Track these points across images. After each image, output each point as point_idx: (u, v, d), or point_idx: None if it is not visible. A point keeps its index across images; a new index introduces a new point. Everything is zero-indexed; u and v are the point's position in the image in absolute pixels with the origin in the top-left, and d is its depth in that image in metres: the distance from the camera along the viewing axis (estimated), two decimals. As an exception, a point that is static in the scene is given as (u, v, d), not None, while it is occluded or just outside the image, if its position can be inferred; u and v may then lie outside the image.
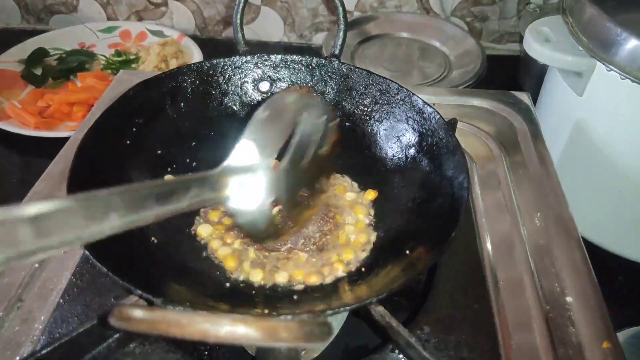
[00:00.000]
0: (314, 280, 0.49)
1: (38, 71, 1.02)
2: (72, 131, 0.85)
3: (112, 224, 0.29)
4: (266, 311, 0.42)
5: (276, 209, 0.42)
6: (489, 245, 0.57)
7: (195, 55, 1.06)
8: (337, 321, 0.46)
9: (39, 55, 1.05)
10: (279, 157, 0.41)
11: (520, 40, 1.06)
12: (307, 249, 0.52)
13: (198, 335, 0.28)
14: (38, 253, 0.25)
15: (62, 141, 0.65)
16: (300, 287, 0.49)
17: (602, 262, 0.56)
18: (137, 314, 0.29)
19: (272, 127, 0.40)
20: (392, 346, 0.46)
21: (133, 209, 0.30)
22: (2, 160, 0.89)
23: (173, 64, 1.02)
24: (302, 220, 0.49)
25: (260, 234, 0.41)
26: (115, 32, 1.15)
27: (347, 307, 0.39)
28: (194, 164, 0.60)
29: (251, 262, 0.51)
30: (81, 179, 0.47)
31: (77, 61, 1.05)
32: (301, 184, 0.44)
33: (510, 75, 1.05)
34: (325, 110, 0.46)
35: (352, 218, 0.55)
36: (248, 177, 0.38)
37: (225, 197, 0.37)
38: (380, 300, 0.40)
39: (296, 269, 0.50)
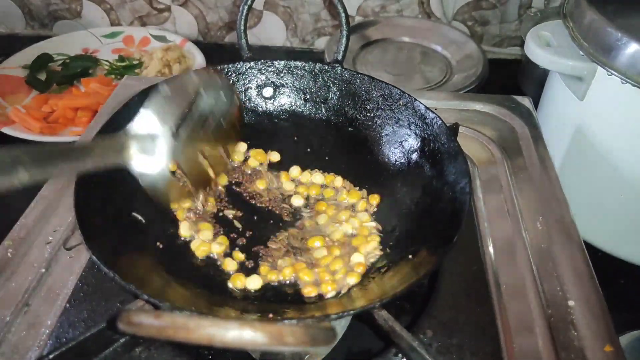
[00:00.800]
0: (320, 286, 0.49)
1: (42, 76, 1.03)
2: (77, 136, 0.86)
3: (21, 177, 0.34)
4: (271, 315, 0.43)
5: (175, 171, 0.48)
6: (491, 249, 0.57)
7: (197, 60, 1.06)
8: (341, 325, 0.46)
9: (43, 60, 1.06)
10: (178, 128, 0.47)
11: (522, 44, 1.07)
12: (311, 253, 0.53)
13: (205, 339, 0.28)
14: None
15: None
16: (304, 291, 0.49)
17: (603, 265, 0.56)
18: (146, 318, 0.29)
19: (170, 101, 0.47)
20: (395, 350, 0.46)
21: (40, 166, 0.35)
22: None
23: (176, 69, 1.03)
24: (201, 182, 0.53)
25: (162, 194, 0.48)
26: (119, 38, 1.15)
27: (351, 312, 0.39)
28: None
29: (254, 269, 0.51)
30: (88, 184, 0.47)
31: (81, 66, 1.05)
32: (199, 150, 0.51)
33: (511, 79, 1.06)
34: (224, 89, 0.53)
35: (355, 223, 0.56)
36: (148, 143, 0.45)
37: (128, 159, 0.44)
38: (383, 305, 0.41)
39: (301, 275, 0.50)
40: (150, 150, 0.46)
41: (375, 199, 0.58)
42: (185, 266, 0.50)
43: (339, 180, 0.60)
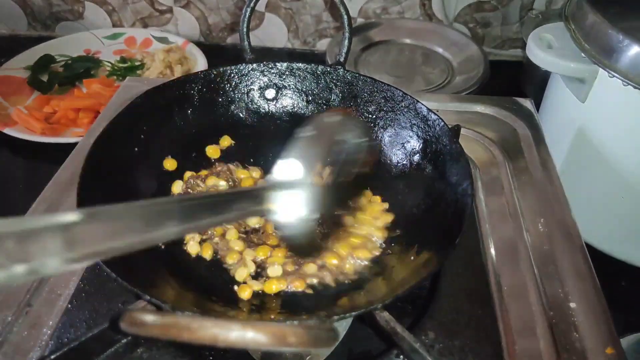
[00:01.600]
0: (320, 286, 0.49)
1: (44, 77, 1.03)
2: (78, 137, 0.86)
3: (169, 230, 0.30)
4: (272, 317, 0.43)
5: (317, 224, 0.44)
6: (492, 251, 0.57)
7: (199, 61, 1.07)
8: (342, 326, 0.46)
9: (45, 61, 1.06)
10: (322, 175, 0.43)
11: (523, 46, 1.07)
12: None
13: (208, 339, 0.28)
14: (107, 254, 0.27)
15: (68, 147, 0.66)
16: (307, 292, 0.49)
17: (604, 267, 0.56)
18: (149, 318, 0.29)
19: (315, 145, 0.42)
20: (397, 351, 0.46)
21: (189, 217, 0.32)
22: (8, 166, 0.89)
23: (178, 70, 1.03)
24: (338, 237, 0.50)
25: (303, 249, 0.43)
26: (121, 39, 1.16)
27: (353, 313, 0.39)
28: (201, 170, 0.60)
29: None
30: (91, 186, 0.48)
31: (83, 67, 1.06)
32: (339, 201, 0.47)
33: (512, 81, 1.06)
34: (365, 132, 0.48)
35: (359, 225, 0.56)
36: (292, 192, 0.40)
37: (270, 210, 0.39)
38: (385, 306, 0.41)
39: (301, 275, 0.50)
40: (294, 199, 0.40)
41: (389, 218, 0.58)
42: (188, 267, 0.50)
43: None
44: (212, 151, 0.61)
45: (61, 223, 0.25)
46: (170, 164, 0.58)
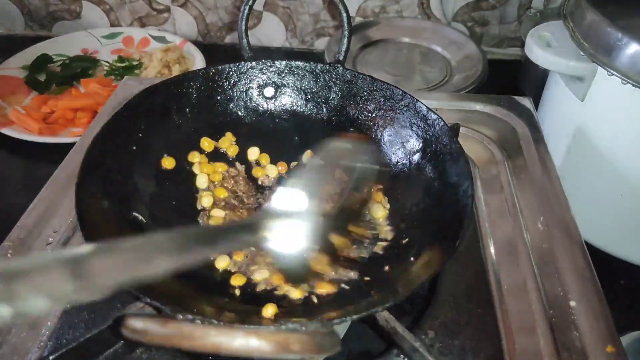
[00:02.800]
0: (321, 289, 0.49)
1: (42, 77, 1.03)
2: (76, 137, 0.86)
3: (161, 266, 0.29)
4: (272, 319, 0.42)
5: (313, 253, 0.42)
6: (492, 250, 0.57)
7: (197, 60, 1.06)
8: (342, 327, 0.46)
9: (43, 61, 1.05)
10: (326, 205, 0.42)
11: (521, 44, 1.06)
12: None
13: (211, 348, 0.28)
14: (99, 294, 0.26)
15: (66, 147, 0.66)
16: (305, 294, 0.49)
17: (603, 265, 0.56)
18: (151, 326, 0.29)
19: (324, 176, 0.42)
20: (397, 351, 0.46)
21: (180, 252, 0.31)
22: (6, 166, 0.89)
23: (176, 69, 1.03)
24: (339, 262, 0.50)
25: (297, 277, 0.42)
26: (118, 38, 1.15)
27: (354, 316, 0.39)
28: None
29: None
30: (89, 185, 0.47)
31: (81, 67, 1.05)
32: (338, 228, 0.45)
33: (511, 80, 1.06)
34: (377, 159, 0.47)
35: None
36: (290, 222, 0.39)
37: (263, 238, 0.38)
38: (386, 308, 0.40)
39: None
40: (293, 229, 0.40)
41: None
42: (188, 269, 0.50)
43: None
44: (208, 144, 0.61)
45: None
46: (168, 162, 0.58)
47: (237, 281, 0.49)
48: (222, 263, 0.51)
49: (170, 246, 0.30)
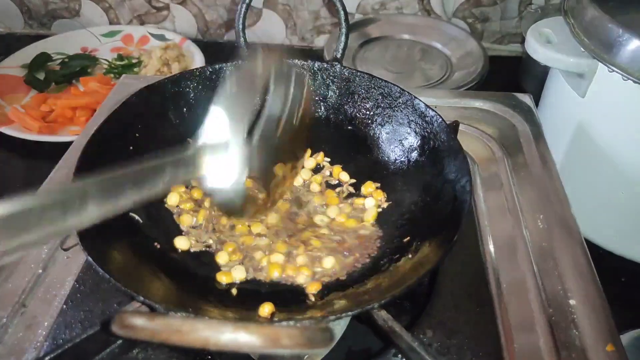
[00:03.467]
0: (315, 285, 0.48)
1: (41, 76, 1.03)
2: (76, 135, 0.85)
3: (91, 214, 0.29)
4: (269, 317, 0.42)
5: (250, 183, 0.43)
6: (491, 248, 0.56)
7: (197, 58, 1.06)
8: (340, 326, 0.46)
9: (42, 59, 1.05)
10: (251, 131, 0.41)
11: (522, 41, 1.06)
12: (307, 251, 0.52)
13: (200, 342, 0.28)
14: (22, 248, 0.26)
15: (65, 145, 0.66)
16: (301, 290, 0.49)
17: (603, 263, 0.56)
18: (139, 321, 0.29)
19: (240, 102, 0.40)
20: (395, 350, 0.45)
21: (110, 197, 0.31)
22: (5, 165, 0.89)
23: (175, 67, 1.03)
24: (278, 194, 0.48)
25: (238, 211, 0.42)
26: (118, 36, 1.15)
27: (350, 313, 0.39)
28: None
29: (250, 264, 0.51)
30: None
31: (80, 65, 1.05)
32: (275, 158, 0.44)
33: (511, 76, 1.05)
34: (296, 79, 0.44)
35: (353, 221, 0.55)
36: (221, 154, 0.38)
37: (200, 176, 0.38)
38: (382, 305, 0.40)
39: (297, 271, 0.50)
40: (224, 161, 0.39)
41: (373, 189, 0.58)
42: (183, 267, 0.50)
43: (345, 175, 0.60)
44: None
45: None
46: None
47: (224, 279, 0.49)
48: (182, 243, 0.51)
49: (100, 191, 0.30)
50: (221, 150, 0.38)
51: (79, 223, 0.29)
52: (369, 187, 0.58)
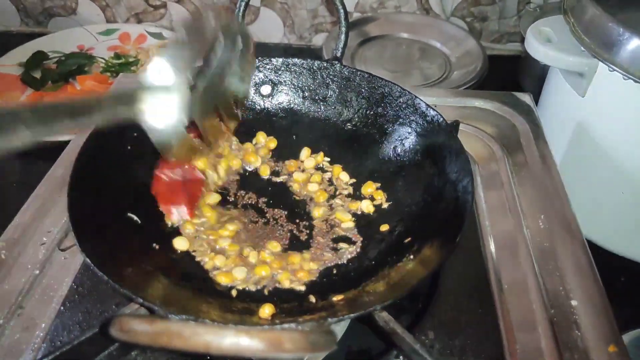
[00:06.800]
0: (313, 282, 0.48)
1: (37, 74, 1.02)
2: (72, 135, 0.85)
3: (21, 135, 0.30)
4: (269, 319, 0.42)
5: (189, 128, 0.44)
6: (492, 248, 0.56)
7: (194, 57, 1.05)
8: (340, 327, 0.46)
9: (38, 58, 1.04)
10: (194, 80, 0.42)
11: (521, 40, 1.06)
12: (304, 251, 0.52)
13: (201, 347, 0.27)
14: None
15: (62, 144, 0.65)
16: (301, 290, 0.48)
17: (603, 262, 0.55)
18: (139, 325, 0.28)
19: (187, 47, 0.41)
20: (397, 352, 0.45)
21: (43, 122, 0.32)
22: (1, 164, 0.88)
23: (173, 66, 1.02)
24: (214, 141, 0.50)
25: (173, 152, 0.43)
26: (115, 35, 1.14)
27: (352, 315, 0.38)
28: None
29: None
30: (82, 185, 0.47)
31: (77, 64, 1.04)
32: (215, 107, 0.46)
33: (510, 75, 1.05)
34: (243, 37, 0.47)
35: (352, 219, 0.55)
36: (162, 96, 0.40)
37: (139, 112, 0.39)
38: (384, 307, 0.40)
39: (295, 273, 0.49)
40: (164, 102, 0.40)
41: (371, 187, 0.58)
42: (183, 269, 0.49)
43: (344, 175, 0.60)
44: None
45: None
46: None
47: (224, 279, 0.49)
48: (181, 243, 0.51)
49: (34, 115, 0.31)
50: (163, 92, 0.40)
51: (9, 143, 0.30)
52: (369, 187, 0.58)
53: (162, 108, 0.40)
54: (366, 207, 0.56)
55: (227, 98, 0.48)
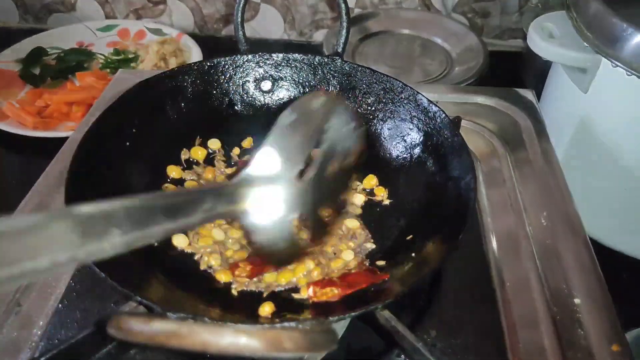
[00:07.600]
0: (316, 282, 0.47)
1: (36, 71, 1.01)
2: (71, 131, 0.84)
3: (114, 241, 0.25)
4: (269, 318, 0.41)
5: (297, 225, 0.38)
6: (494, 245, 0.56)
7: (194, 53, 1.05)
8: (340, 326, 0.45)
9: (37, 54, 1.04)
10: (304, 168, 0.37)
11: (523, 36, 1.05)
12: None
13: (199, 346, 0.27)
14: (25, 277, 0.22)
15: (61, 141, 0.65)
16: (301, 290, 0.48)
17: (605, 260, 0.55)
18: (136, 324, 0.28)
19: (298, 134, 0.36)
20: (398, 351, 0.45)
21: (138, 224, 0.26)
22: (0, 161, 0.88)
23: (172, 62, 1.01)
24: (324, 238, 0.46)
25: (280, 254, 0.37)
26: (114, 31, 1.14)
27: (352, 314, 0.38)
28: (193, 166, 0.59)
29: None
30: (79, 182, 0.46)
31: (76, 60, 1.04)
32: (325, 198, 0.40)
33: (512, 72, 1.04)
34: (352, 117, 0.41)
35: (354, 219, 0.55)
36: (269, 190, 0.34)
37: (243, 211, 0.33)
38: (385, 305, 0.39)
39: (297, 272, 0.49)
40: (272, 196, 0.35)
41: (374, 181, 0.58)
42: (182, 267, 0.49)
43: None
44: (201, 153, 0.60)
45: None
46: (176, 172, 0.58)
47: (224, 277, 0.48)
48: (180, 241, 0.50)
49: (128, 215, 0.26)
50: (270, 185, 0.35)
51: (99, 251, 0.25)
52: (370, 180, 0.57)
53: (269, 203, 0.35)
54: (358, 199, 0.56)
55: (336, 185, 0.42)
